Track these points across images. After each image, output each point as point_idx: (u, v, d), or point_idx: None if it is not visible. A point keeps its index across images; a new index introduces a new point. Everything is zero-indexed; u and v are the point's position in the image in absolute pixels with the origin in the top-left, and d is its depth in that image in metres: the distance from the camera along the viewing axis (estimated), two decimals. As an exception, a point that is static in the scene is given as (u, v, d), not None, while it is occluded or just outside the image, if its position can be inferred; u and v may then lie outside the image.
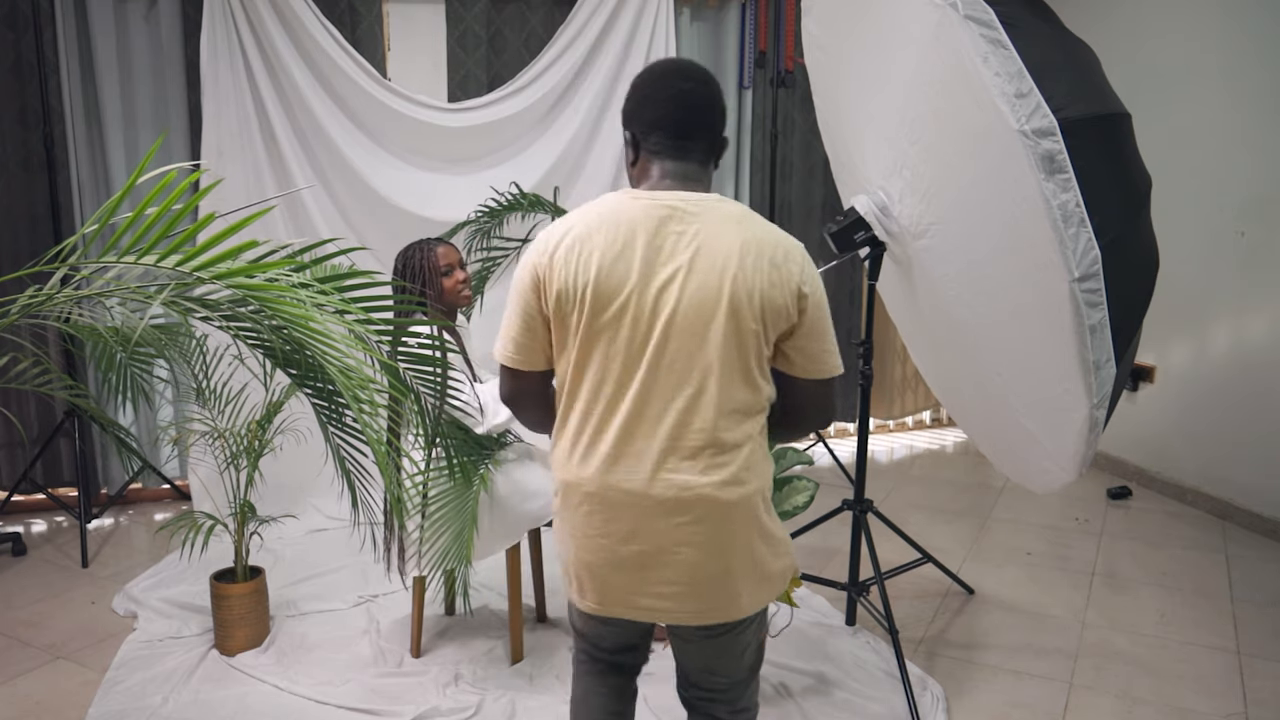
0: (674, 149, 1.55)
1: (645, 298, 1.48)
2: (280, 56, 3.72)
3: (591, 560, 1.58)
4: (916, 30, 2.25)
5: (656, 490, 1.51)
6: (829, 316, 1.56)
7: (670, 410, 1.49)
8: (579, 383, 1.54)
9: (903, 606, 3.09)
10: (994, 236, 2.28)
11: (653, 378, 1.49)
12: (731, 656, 1.70)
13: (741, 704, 1.77)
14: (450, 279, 2.68)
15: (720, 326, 1.47)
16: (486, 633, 2.92)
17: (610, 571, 1.57)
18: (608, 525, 1.54)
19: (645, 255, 1.48)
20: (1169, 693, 2.62)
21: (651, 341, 1.48)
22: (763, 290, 1.47)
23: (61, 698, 2.58)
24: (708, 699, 1.76)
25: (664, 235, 1.49)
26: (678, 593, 1.55)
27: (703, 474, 1.50)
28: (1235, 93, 3.74)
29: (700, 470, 1.50)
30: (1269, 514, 3.72)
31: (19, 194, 3.70)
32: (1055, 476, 2.52)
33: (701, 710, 1.78)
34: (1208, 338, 3.96)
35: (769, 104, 4.41)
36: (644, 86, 1.58)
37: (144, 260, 1.45)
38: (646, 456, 1.51)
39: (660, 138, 1.55)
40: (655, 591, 1.56)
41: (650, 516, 1.52)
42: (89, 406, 2.56)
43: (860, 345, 2.78)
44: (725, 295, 1.46)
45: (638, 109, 1.58)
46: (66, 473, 3.92)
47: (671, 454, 1.50)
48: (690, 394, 1.49)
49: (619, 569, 1.56)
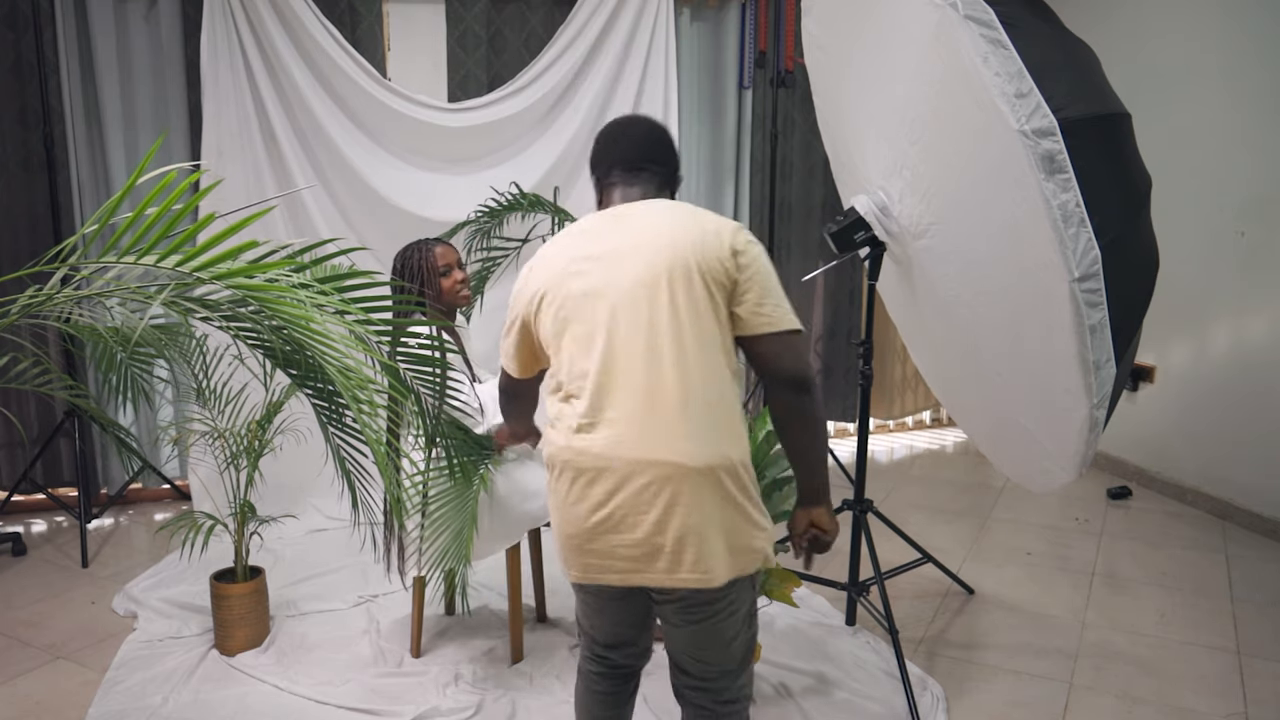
0: (627, 178, 1.78)
1: (596, 281, 1.64)
2: (280, 56, 3.72)
3: (570, 530, 1.68)
4: (916, 30, 2.25)
5: (623, 453, 1.60)
6: (774, 276, 1.68)
7: (634, 378, 1.60)
8: (558, 369, 1.70)
9: (903, 606, 3.09)
10: (994, 236, 2.28)
11: (612, 351, 1.62)
12: (719, 644, 1.72)
13: (728, 695, 1.78)
14: (449, 279, 2.68)
15: (666, 293, 1.61)
16: (486, 633, 2.92)
17: (586, 538, 1.66)
18: (584, 491, 1.64)
19: (598, 247, 1.67)
20: (1169, 693, 2.62)
21: (608, 317, 1.62)
22: (700, 256, 1.62)
23: (61, 698, 2.58)
24: (698, 688, 1.78)
25: (612, 229, 1.69)
26: (646, 553, 1.62)
27: (668, 438, 1.59)
28: (1235, 93, 3.75)
29: (665, 434, 1.59)
30: (1269, 514, 3.72)
31: (19, 194, 3.70)
32: (1055, 476, 2.52)
33: (690, 700, 1.80)
34: (1208, 338, 3.96)
35: (769, 104, 4.41)
36: (602, 138, 1.84)
37: (144, 260, 1.45)
38: (618, 423, 1.61)
39: (617, 172, 1.78)
40: (627, 554, 1.63)
41: (619, 480, 1.61)
42: (89, 406, 2.56)
43: (860, 345, 2.78)
44: (665, 265, 1.61)
45: (599, 155, 1.82)
46: (66, 473, 3.92)
47: (640, 419, 1.60)
48: (650, 360, 1.60)
49: (594, 535, 1.64)
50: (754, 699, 2.54)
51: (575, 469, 1.64)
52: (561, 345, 1.67)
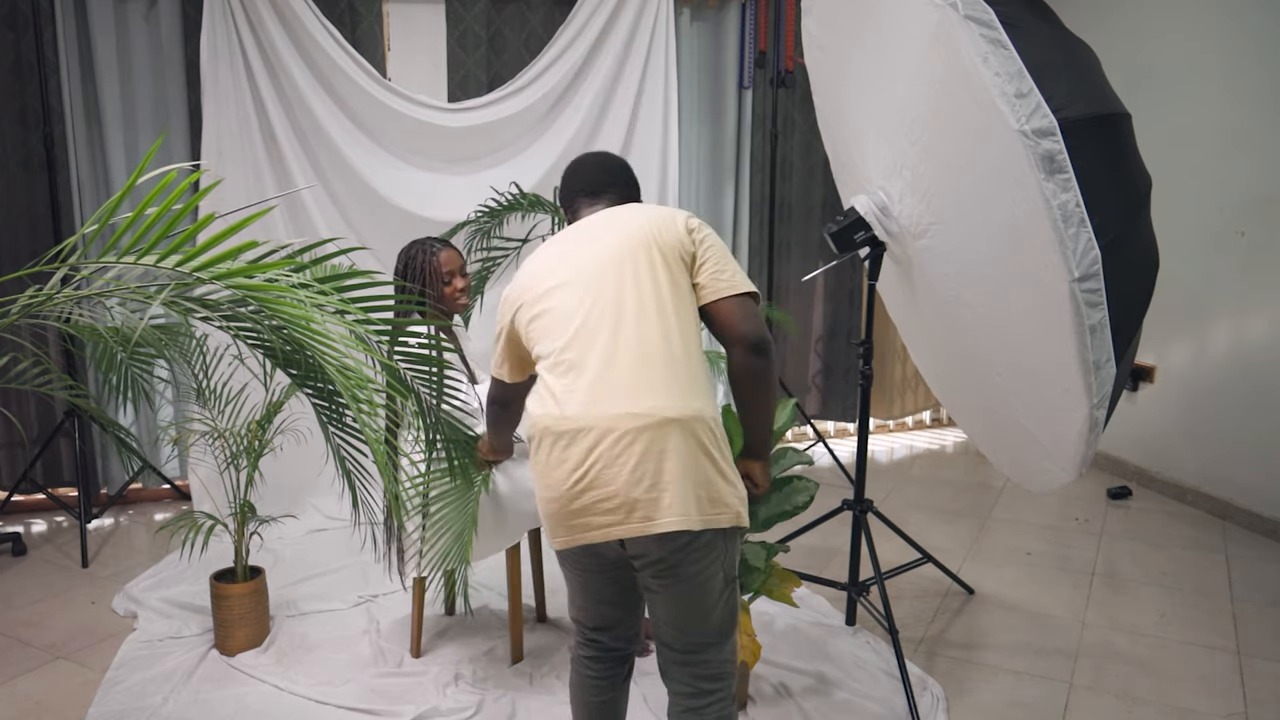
0: (590, 201, 1.96)
1: (565, 275, 1.79)
2: (280, 56, 3.72)
3: (550, 495, 1.74)
4: (916, 30, 2.25)
5: (599, 410, 1.67)
6: (728, 251, 1.86)
7: (606, 343, 1.71)
8: (539, 354, 1.80)
9: (903, 606, 3.09)
10: (994, 236, 2.28)
11: (585, 325, 1.73)
12: (698, 611, 1.75)
13: (710, 670, 1.79)
14: (450, 287, 2.68)
15: (630, 268, 1.74)
16: (486, 633, 2.92)
17: (567, 500, 1.71)
18: (563, 453, 1.70)
19: (566, 249, 1.84)
20: (1169, 693, 2.62)
21: (577, 300, 1.75)
22: (657, 236, 1.78)
23: (62, 697, 2.58)
24: (679, 662, 1.80)
25: (576, 235, 1.86)
26: (623, 504, 1.66)
27: (642, 392, 1.67)
28: (1235, 93, 3.75)
29: (639, 388, 1.68)
30: (1269, 514, 3.72)
31: (19, 194, 3.70)
32: (1055, 476, 2.52)
33: (672, 675, 1.82)
34: (1208, 338, 3.96)
35: (769, 104, 4.41)
36: (566, 173, 2.02)
37: (144, 261, 1.45)
38: (594, 385, 1.69)
39: (581, 197, 1.97)
40: (606, 509, 1.68)
41: (597, 437, 1.67)
42: (89, 406, 2.56)
43: (860, 345, 2.78)
44: (627, 247, 1.76)
45: (565, 188, 2.01)
46: (66, 473, 3.92)
47: (613, 378, 1.69)
48: (619, 326, 1.71)
49: (574, 496, 1.69)
50: (754, 699, 2.54)
51: (554, 434, 1.71)
52: (540, 333, 1.79)
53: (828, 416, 4.99)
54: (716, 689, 1.80)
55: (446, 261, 2.67)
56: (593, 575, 1.84)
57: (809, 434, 4.73)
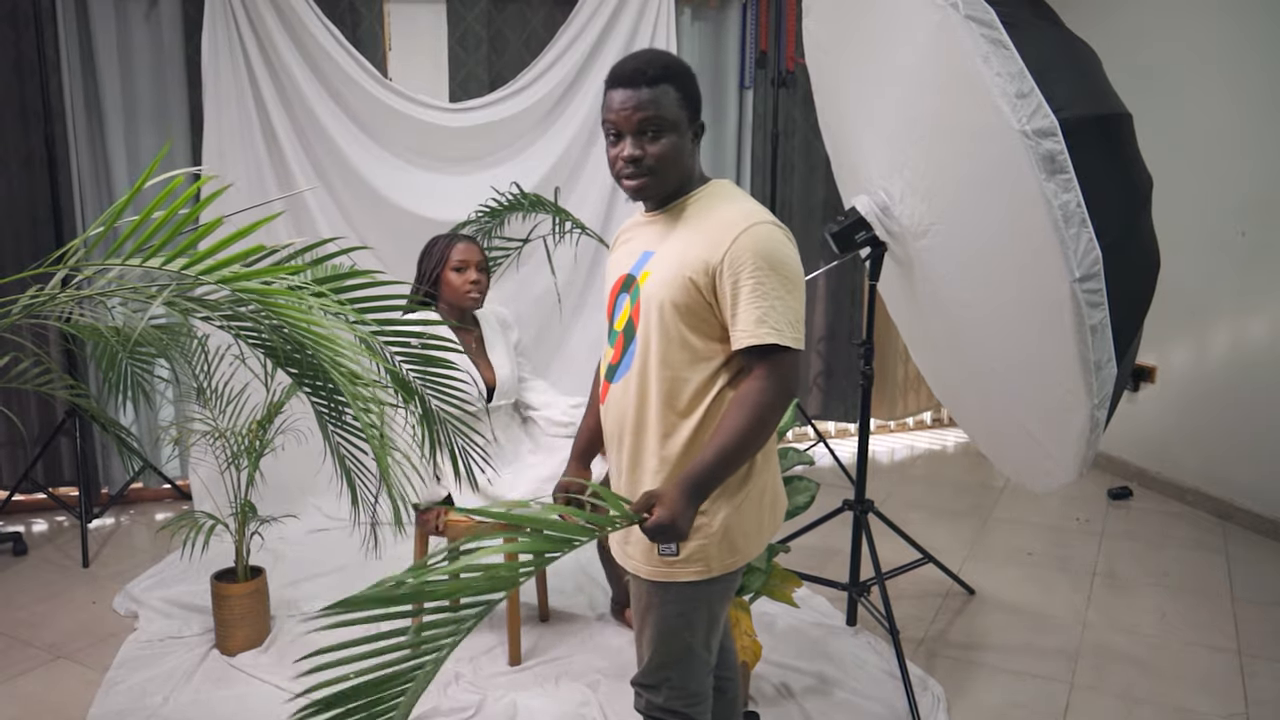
0: None
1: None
2: (281, 56, 3.71)
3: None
4: (917, 30, 2.25)
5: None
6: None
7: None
8: None
9: (903, 607, 3.09)
10: (994, 236, 2.28)
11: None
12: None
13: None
14: (461, 276, 2.66)
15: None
16: (486, 633, 2.92)
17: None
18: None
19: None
20: (1169, 693, 2.62)
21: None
22: None
23: (62, 697, 2.59)
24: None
25: None
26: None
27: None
28: (1236, 93, 3.74)
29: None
30: (1269, 514, 3.72)
31: (20, 192, 3.70)
32: (1056, 477, 2.52)
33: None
34: (1209, 338, 3.95)
35: (770, 104, 4.41)
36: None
37: (149, 264, 1.45)
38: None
39: None
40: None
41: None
42: (90, 406, 2.56)
43: (861, 345, 2.78)
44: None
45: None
46: (67, 472, 3.92)
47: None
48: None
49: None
50: (754, 699, 2.54)
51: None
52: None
53: (829, 417, 4.99)
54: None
55: (461, 251, 2.67)
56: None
57: (810, 434, 4.73)
